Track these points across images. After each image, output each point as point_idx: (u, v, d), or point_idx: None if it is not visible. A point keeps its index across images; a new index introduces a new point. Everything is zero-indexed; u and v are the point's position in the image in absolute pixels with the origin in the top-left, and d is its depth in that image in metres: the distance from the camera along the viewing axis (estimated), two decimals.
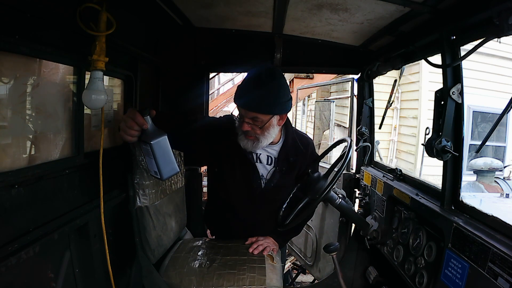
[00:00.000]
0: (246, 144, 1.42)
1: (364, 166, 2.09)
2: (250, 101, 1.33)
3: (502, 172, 4.15)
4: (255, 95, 1.32)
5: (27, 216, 0.96)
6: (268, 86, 1.32)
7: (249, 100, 1.33)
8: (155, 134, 1.17)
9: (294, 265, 3.45)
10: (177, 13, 1.69)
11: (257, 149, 1.46)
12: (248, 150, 1.44)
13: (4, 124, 0.96)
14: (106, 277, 1.30)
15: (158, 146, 1.16)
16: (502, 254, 0.91)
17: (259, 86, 1.32)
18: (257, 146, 1.43)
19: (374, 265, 1.99)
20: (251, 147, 1.42)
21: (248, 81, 1.36)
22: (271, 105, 1.34)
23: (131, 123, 1.16)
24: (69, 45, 1.10)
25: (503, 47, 4.73)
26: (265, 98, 1.32)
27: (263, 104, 1.33)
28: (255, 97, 1.32)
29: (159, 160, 1.17)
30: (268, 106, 1.34)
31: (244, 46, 2.03)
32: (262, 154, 1.53)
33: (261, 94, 1.31)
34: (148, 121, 1.18)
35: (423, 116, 5.14)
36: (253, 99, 1.32)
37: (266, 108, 1.34)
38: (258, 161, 1.52)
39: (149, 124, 1.18)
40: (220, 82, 8.89)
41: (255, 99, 1.32)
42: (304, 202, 1.47)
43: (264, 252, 1.51)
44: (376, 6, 1.31)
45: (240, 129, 1.40)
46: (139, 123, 1.16)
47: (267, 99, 1.32)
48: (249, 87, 1.34)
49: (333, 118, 5.21)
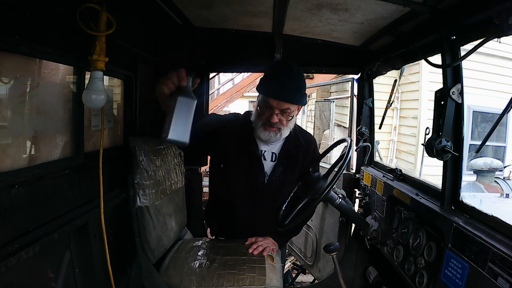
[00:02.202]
0: (268, 136, 1.44)
1: (364, 166, 2.09)
2: (284, 92, 1.35)
3: (502, 172, 4.15)
4: (290, 86, 1.35)
5: (27, 216, 0.96)
6: (299, 77, 1.38)
7: (283, 91, 1.35)
8: (187, 94, 1.12)
9: (294, 265, 3.45)
10: (177, 13, 1.69)
11: (278, 140, 1.50)
12: (269, 142, 1.48)
13: (4, 124, 0.96)
14: (106, 277, 1.30)
15: (183, 103, 1.10)
16: (502, 254, 0.91)
17: (291, 78, 1.35)
18: (279, 138, 1.47)
19: (374, 265, 1.99)
20: (274, 138, 1.45)
21: (277, 73, 1.38)
22: (302, 96, 1.40)
23: (173, 75, 1.14)
24: (69, 45, 1.10)
25: (503, 47, 4.73)
26: (298, 89, 1.37)
27: (297, 95, 1.37)
28: (290, 88, 1.35)
29: (175, 117, 1.07)
30: (300, 97, 1.39)
31: (244, 46, 2.03)
32: (266, 151, 1.54)
33: (295, 85, 1.36)
34: (189, 80, 1.14)
35: (423, 116, 5.14)
36: (287, 90, 1.35)
37: (298, 99, 1.39)
38: (263, 158, 1.54)
39: (188, 84, 1.14)
40: (220, 82, 8.89)
41: (290, 90, 1.35)
42: (304, 202, 1.47)
43: (264, 252, 1.51)
44: (376, 6, 1.31)
45: (263, 121, 1.42)
46: (180, 77, 1.12)
47: (299, 90, 1.37)
48: (281, 78, 1.36)
49: (333, 118, 5.21)
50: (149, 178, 1.44)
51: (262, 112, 1.42)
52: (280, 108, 1.38)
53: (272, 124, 1.41)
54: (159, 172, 1.54)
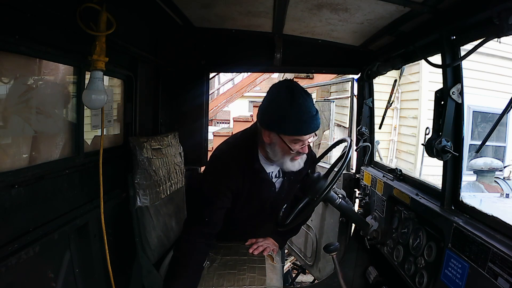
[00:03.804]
0: (297, 165, 1.41)
1: (364, 166, 2.09)
2: (312, 123, 1.32)
3: (502, 172, 4.14)
4: (313, 115, 1.31)
5: (27, 216, 0.96)
6: (311, 100, 1.33)
7: (311, 123, 1.31)
8: None
9: (294, 265, 3.44)
10: (177, 13, 1.69)
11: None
12: (295, 170, 1.43)
13: (4, 124, 0.96)
14: (106, 277, 1.30)
15: None
16: (502, 254, 0.91)
17: (309, 105, 1.31)
18: (302, 163, 1.43)
19: (374, 265, 1.99)
20: (299, 165, 1.42)
21: (297, 106, 1.30)
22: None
23: None
24: (69, 45, 1.10)
25: (503, 47, 4.73)
26: (317, 113, 1.33)
27: (319, 119, 1.34)
28: (314, 116, 1.31)
29: None
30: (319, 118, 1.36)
31: (244, 46, 2.03)
32: (273, 171, 1.50)
33: (314, 111, 1.32)
34: None
35: (423, 116, 5.14)
36: (313, 119, 1.31)
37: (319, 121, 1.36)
38: (271, 177, 1.50)
39: None
40: (220, 82, 8.89)
41: (314, 118, 1.32)
42: (304, 202, 1.47)
43: (264, 252, 1.51)
44: (376, 6, 1.31)
45: (293, 155, 1.37)
46: None
47: (317, 113, 1.34)
48: (303, 111, 1.30)
49: (333, 118, 5.21)
50: (149, 178, 1.44)
51: (287, 148, 1.35)
52: (309, 138, 1.36)
53: (298, 155, 1.38)
54: (159, 172, 1.54)
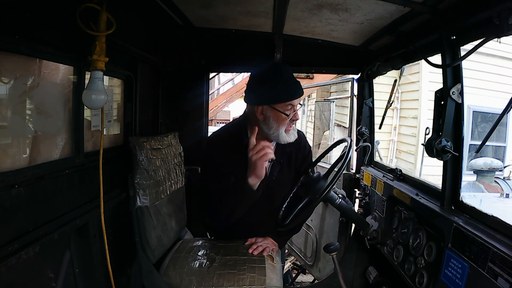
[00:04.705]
0: (292, 135, 1.46)
1: (364, 166, 2.09)
2: (297, 88, 1.42)
3: (502, 172, 4.14)
4: (295, 81, 1.42)
5: (27, 216, 0.96)
6: (291, 71, 1.43)
7: (296, 88, 1.41)
8: None
9: (294, 265, 3.44)
10: (177, 13, 1.69)
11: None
12: (292, 141, 1.47)
13: (4, 124, 0.96)
14: (106, 277, 1.30)
15: None
16: (502, 254, 0.91)
17: (290, 74, 1.41)
18: (296, 134, 1.49)
19: (374, 265, 1.99)
20: (294, 136, 1.46)
21: (279, 76, 1.40)
22: None
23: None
24: (69, 45, 1.10)
25: (503, 47, 4.73)
26: (298, 81, 1.44)
27: (301, 86, 1.44)
28: (297, 83, 1.42)
29: None
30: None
31: (244, 46, 2.03)
32: None
33: (295, 78, 1.43)
34: None
35: (423, 116, 5.14)
36: (297, 85, 1.42)
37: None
38: None
39: None
40: (220, 82, 8.90)
41: (298, 84, 1.42)
42: (304, 202, 1.47)
43: (264, 252, 1.50)
44: (376, 6, 1.31)
45: (286, 124, 1.42)
46: None
47: (298, 82, 1.44)
48: (285, 78, 1.40)
49: (333, 118, 5.21)
50: (149, 178, 1.44)
51: (282, 116, 1.39)
52: (296, 104, 1.43)
53: (291, 123, 1.44)
54: (159, 172, 1.54)
